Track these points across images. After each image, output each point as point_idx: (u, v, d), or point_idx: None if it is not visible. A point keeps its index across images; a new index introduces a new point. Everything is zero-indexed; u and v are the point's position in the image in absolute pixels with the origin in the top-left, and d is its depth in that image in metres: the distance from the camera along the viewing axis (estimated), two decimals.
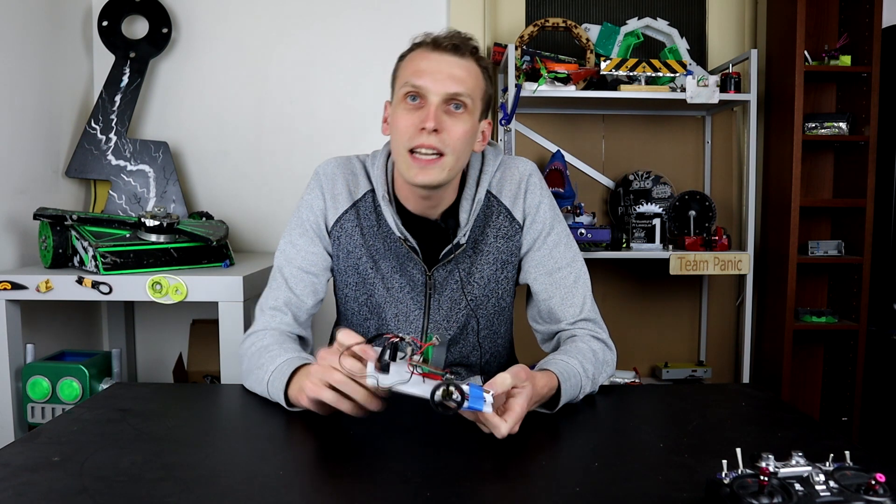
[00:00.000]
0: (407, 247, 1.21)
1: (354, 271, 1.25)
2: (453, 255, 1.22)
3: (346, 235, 1.24)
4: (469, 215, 1.22)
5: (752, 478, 0.65)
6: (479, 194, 1.23)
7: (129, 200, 2.21)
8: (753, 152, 2.34)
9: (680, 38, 2.53)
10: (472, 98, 1.15)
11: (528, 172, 1.27)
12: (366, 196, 1.25)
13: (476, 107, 1.17)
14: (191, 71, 2.38)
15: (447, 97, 1.13)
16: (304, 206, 1.26)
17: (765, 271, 2.58)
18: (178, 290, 1.67)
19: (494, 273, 1.25)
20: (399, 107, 1.16)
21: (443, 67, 1.13)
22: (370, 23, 2.40)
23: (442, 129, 1.12)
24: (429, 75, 1.13)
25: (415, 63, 1.15)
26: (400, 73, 1.18)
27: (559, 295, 1.23)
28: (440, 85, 1.12)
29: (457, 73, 1.13)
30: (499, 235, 1.25)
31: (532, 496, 0.76)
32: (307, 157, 2.39)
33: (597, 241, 2.30)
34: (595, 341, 1.18)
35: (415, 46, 1.18)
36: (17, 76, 1.95)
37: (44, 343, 1.92)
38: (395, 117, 1.16)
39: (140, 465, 0.82)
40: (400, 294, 1.24)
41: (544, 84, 2.26)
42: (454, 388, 0.82)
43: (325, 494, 0.77)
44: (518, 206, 1.25)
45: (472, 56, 1.16)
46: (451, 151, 1.13)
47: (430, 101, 1.12)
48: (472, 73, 1.16)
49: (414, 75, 1.14)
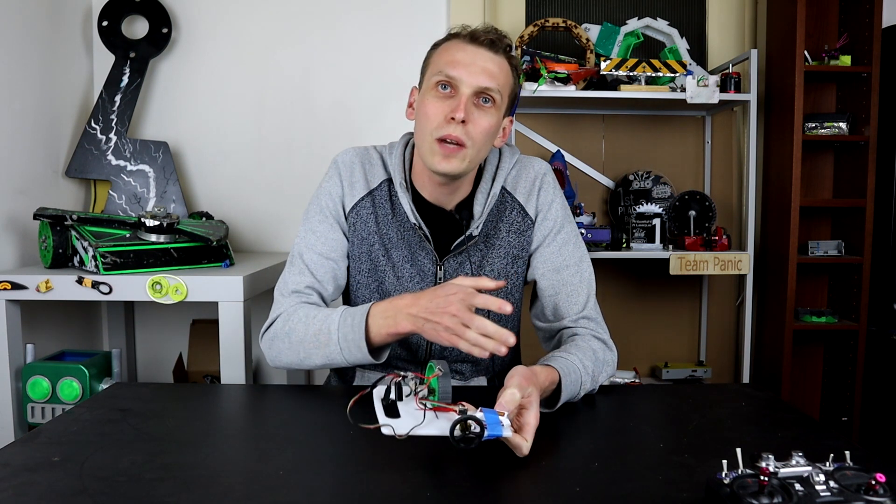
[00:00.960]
0: (420, 234, 1.23)
1: (367, 258, 1.27)
2: (465, 246, 1.24)
3: (362, 222, 1.26)
4: (483, 208, 1.24)
5: (752, 478, 0.65)
6: (495, 189, 1.26)
7: (129, 200, 2.21)
8: (753, 152, 2.34)
9: (680, 38, 2.53)
10: (501, 94, 1.18)
11: (544, 171, 1.31)
12: (382, 185, 1.27)
13: (503, 103, 1.20)
14: (191, 71, 2.38)
15: (478, 90, 1.15)
16: (322, 193, 1.28)
17: (765, 271, 2.58)
18: (178, 290, 1.67)
19: (505, 267, 1.27)
20: (429, 94, 1.18)
21: (477, 60, 1.16)
22: (370, 23, 2.40)
23: (469, 121, 1.15)
24: (463, 67, 1.15)
25: (450, 53, 1.18)
26: (433, 60, 1.21)
27: (564, 292, 1.25)
28: (473, 77, 1.15)
29: (490, 68, 1.16)
30: (511, 230, 1.27)
31: (532, 496, 0.76)
32: (307, 157, 2.39)
33: (597, 241, 2.30)
34: (595, 341, 1.19)
35: (451, 37, 1.21)
36: (17, 76, 1.95)
37: (44, 343, 1.93)
38: (423, 104, 1.19)
39: (140, 465, 0.82)
40: (410, 283, 1.26)
41: (544, 84, 2.26)
42: (472, 420, 0.81)
43: (325, 494, 0.77)
44: (531, 203, 1.28)
45: (504, 54, 1.19)
46: (474, 144, 1.16)
47: (461, 91, 1.15)
48: (504, 70, 1.19)
49: (448, 65, 1.16)
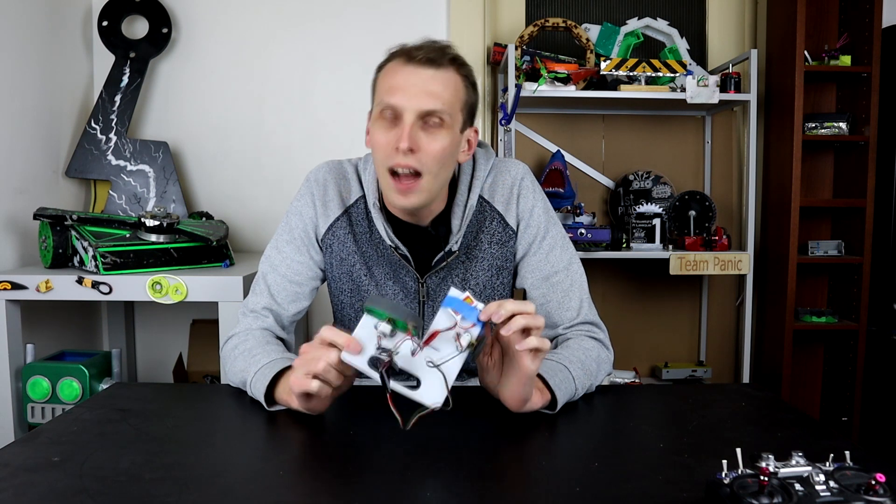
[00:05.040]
0: (398, 255, 1.20)
1: (349, 278, 1.24)
2: (445, 262, 1.21)
3: (339, 243, 1.22)
4: (461, 221, 1.19)
5: (752, 478, 0.65)
6: (472, 200, 1.20)
7: (129, 200, 2.21)
8: (753, 152, 2.34)
9: (680, 38, 2.54)
10: (449, 113, 1.10)
11: (521, 176, 1.24)
12: (357, 202, 1.23)
13: (455, 120, 1.12)
14: (191, 71, 2.38)
15: (422, 113, 1.08)
16: (293, 212, 1.24)
17: (765, 271, 2.58)
18: (178, 290, 1.67)
19: (490, 279, 1.23)
20: (376, 123, 1.12)
21: (416, 82, 1.08)
22: (370, 22, 2.40)
23: (418, 149, 1.08)
24: (402, 92, 1.08)
25: (388, 78, 1.11)
26: (377, 86, 1.14)
27: (556, 299, 1.20)
28: (414, 101, 1.07)
29: (432, 88, 1.08)
30: (493, 241, 1.22)
31: (532, 496, 0.76)
32: (307, 158, 2.38)
33: (597, 241, 2.30)
34: (588, 340, 1.16)
35: (390, 57, 1.13)
36: (17, 76, 1.95)
37: (44, 343, 1.92)
38: (373, 133, 1.13)
39: (140, 465, 0.82)
40: (394, 301, 1.22)
41: (544, 84, 2.26)
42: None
43: (325, 494, 0.77)
44: (511, 212, 1.23)
45: (450, 65, 1.11)
46: (428, 171, 1.10)
47: (404, 119, 1.08)
48: (450, 86, 1.10)
49: (387, 93, 1.09)
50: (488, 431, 0.95)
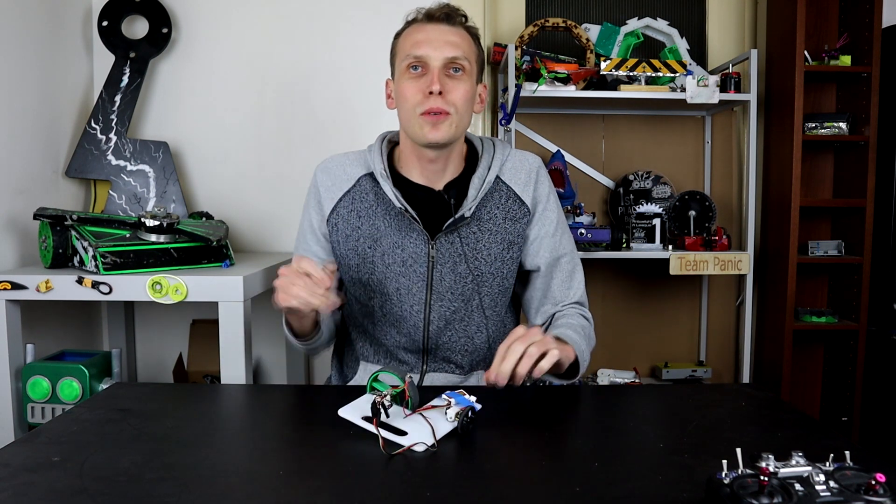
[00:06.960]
0: (408, 217, 1.26)
1: (354, 253, 1.31)
2: (456, 228, 1.28)
3: (343, 221, 1.32)
4: (478, 191, 1.28)
5: (752, 478, 0.65)
6: (490, 176, 1.30)
7: (129, 200, 2.21)
8: (753, 152, 2.34)
9: (680, 38, 2.53)
10: (469, 61, 1.24)
11: (538, 165, 1.36)
12: (361, 180, 1.33)
13: (473, 69, 1.26)
14: (191, 71, 2.38)
15: (447, 62, 1.22)
16: (305, 206, 1.38)
17: (765, 271, 2.58)
18: (178, 290, 1.66)
19: (501, 252, 1.31)
20: (403, 77, 1.24)
21: (439, 35, 1.23)
22: (370, 23, 2.40)
23: (446, 92, 1.21)
24: (427, 44, 1.22)
25: (412, 36, 1.25)
26: (399, 48, 1.28)
27: (560, 278, 1.34)
28: (439, 51, 1.22)
29: (452, 39, 1.23)
30: (507, 217, 1.31)
31: (532, 496, 0.76)
32: (307, 158, 2.39)
33: (597, 241, 2.30)
34: (582, 318, 1.31)
35: (409, 23, 1.28)
36: (17, 76, 1.95)
37: (44, 343, 1.92)
38: (400, 88, 1.25)
39: (140, 465, 0.82)
40: (402, 268, 1.28)
41: (544, 84, 2.26)
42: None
43: (325, 494, 0.77)
44: (528, 193, 1.32)
45: (462, 25, 1.26)
46: (457, 111, 1.23)
47: (431, 66, 1.22)
48: (466, 39, 1.26)
49: (413, 47, 1.23)
50: (488, 431, 0.95)
